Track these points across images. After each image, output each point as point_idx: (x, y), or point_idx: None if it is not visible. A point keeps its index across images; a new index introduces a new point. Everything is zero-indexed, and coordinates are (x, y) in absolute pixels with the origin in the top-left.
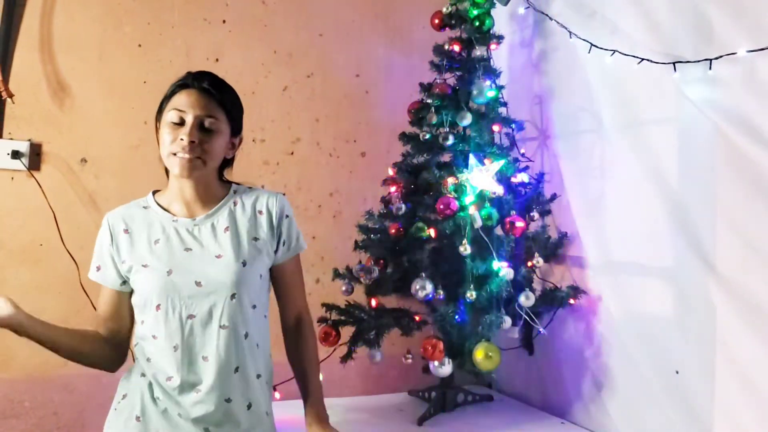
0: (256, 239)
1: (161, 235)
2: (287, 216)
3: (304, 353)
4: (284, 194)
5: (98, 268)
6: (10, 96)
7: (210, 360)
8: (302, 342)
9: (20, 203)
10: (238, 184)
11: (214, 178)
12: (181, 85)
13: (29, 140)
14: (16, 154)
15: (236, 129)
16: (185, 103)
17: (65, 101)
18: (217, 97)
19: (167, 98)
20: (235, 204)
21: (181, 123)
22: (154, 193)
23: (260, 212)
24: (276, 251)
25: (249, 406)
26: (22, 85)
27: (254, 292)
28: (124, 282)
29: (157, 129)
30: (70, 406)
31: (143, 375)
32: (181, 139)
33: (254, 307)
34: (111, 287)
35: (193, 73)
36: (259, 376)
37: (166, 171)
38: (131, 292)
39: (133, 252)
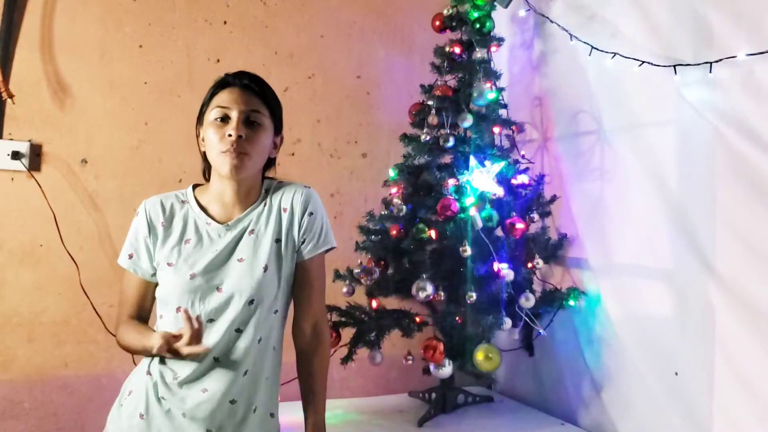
0: (278, 240)
1: (193, 236)
2: (311, 213)
3: (318, 373)
4: (308, 186)
5: (130, 256)
6: (11, 96)
7: (221, 361)
8: (317, 361)
9: (20, 204)
10: (272, 179)
11: (256, 181)
12: (221, 84)
13: (29, 141)
14: (16, 155)
15: (278, 127)
16: (228, 100)
17: (66, 102)
18: (259, 93)
19: (207, 101)
20: (264, 205)
21: (225, 120)
22: (194, 187)
23: (284, 209)
24: (298, 249)
25: (255, 410)
26: (22, 85)
27: (274, 296)
28: (154, 273)
29: (197, 135)
30: (70, 407)
31: (149, 373)
32: (229, 135)
33: (275, 312)
34: (141, 277)
35: (234, 73)
36: (267, 378)
37: (204, 173)
38: (156, 284)
39: (164, 247)
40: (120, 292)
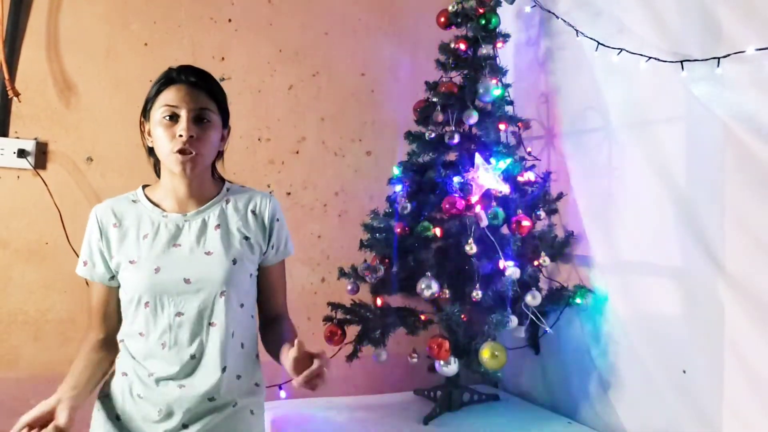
0: (247, 238)
1: (150, 230)
2: (278, 219)
3: (283, 331)
4: (272, 192)
5: (85, 263)
6: (17, 95)
7: (197, 358)
8: (280, 326)
9: (26, 202)
10: (231, 182)
11: (208, 175)
12: (167, 81)
13: (35, 139)
14: (22, 153)
15: (225, 120)
16: (176, 99)
17: (71, 100)
18: (206, 89)
19: (153, 97)
20: (227, 202)
21: (173, 119)
22: (144, 187)
23: (253, 212)
24: (265, 253)
25: (234, 404)
26: (28, 83)
27: (243, 290)
28: (113, 277)
29: (142, 131)
30: None
31: (125, 374)
32: (180, 135)
33: (242, 305)
34: (99, 281)
35: (174, 68)
36: (239, 377)
37: (154, 168)
38: (119, 287)
39: (121, 247)
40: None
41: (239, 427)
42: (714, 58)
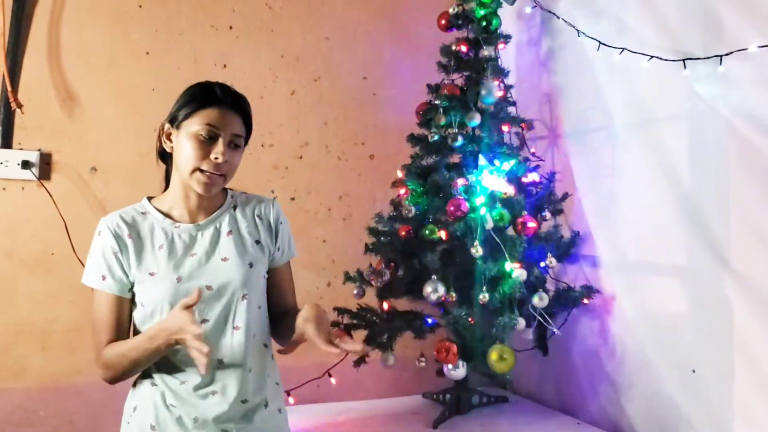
0: (258, 242)
1: (164, 241)
2: (282, 222)
3: (295, 314)
4: (275, 198)
5: (104, 278)
6: (20, 106)
7: (225, 362)
8: (291, 313)
9: (31, 213)
10: (232, 189)
11: None
12: (210, 98)
13: (39, 150)
14: (26, 164)
15: (246, 141)
16: (219, 121)
17: (74, 110)
18: (242, 114)
19: (193, 110)
20: (234, 208)
21: (211, 140)
22: (149, 199)
23: (259, 217)
24: (272, 254)
25: (266, 405)
26: (31, 95)
27: (260, 293)
28: (130, 289)
29: (166, 134)
30: (85, 414)
31: (154, 384)
32: (216, 158)
33: (259, 307)
34: (118, 294)
35: (219, 87)
36: (265, 376)
37: (166, 176)
38: (132, 299)
39: (139, 259)
40: (92, 320)
41: (273, 427)
42: (716, 56)
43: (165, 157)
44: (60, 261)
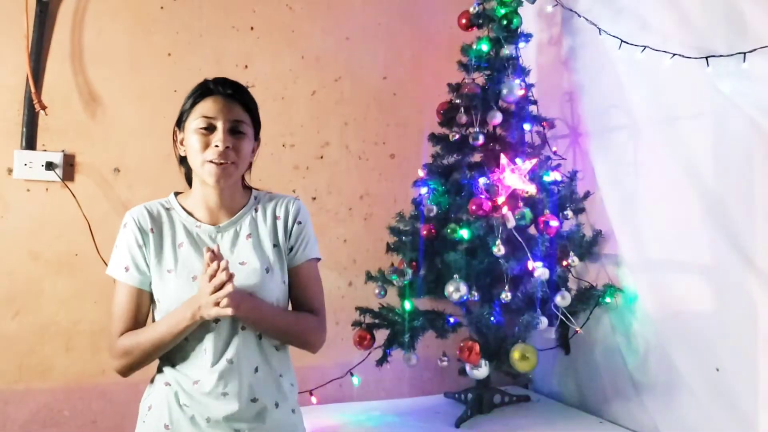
0: (276, 245)
1: (185, 239)
2: (299, 222)
3: (298, 315)
4: (297, 197)
5: (127, 269)
6: (43, 108)
7: (234, 363)
8: (308, 315)
9: (55, 214)
10: (258, 190)
11: (238, 185)
12: (203, 92)
13: (63, 151)
14: (50, 166)
15: (257, 132)
16: (213, 110)
17: (97, 112)
18: (241, 102)
19: (189, 108)
20: (256, 211)
21: (210, 130)
22: (176, 194)
23: (278, 217)
24: (288, 255)
25: (276, 405)
26: (54, 97)
27: (274, 297)
28: (151, 283)
29: (175, 140)
30: (109, 414)
31: (168, 384)
32: (216, 146)
33: None
34: (139, 287)
35: (211, 79)
36: (278, 376)
37: (187, 177)
38: (150, 293)
39: (159, 254)
40: (113, 310)
41: (286, 428)
42: (740, 53)
43: (184, 161)
44: (84, 262)
